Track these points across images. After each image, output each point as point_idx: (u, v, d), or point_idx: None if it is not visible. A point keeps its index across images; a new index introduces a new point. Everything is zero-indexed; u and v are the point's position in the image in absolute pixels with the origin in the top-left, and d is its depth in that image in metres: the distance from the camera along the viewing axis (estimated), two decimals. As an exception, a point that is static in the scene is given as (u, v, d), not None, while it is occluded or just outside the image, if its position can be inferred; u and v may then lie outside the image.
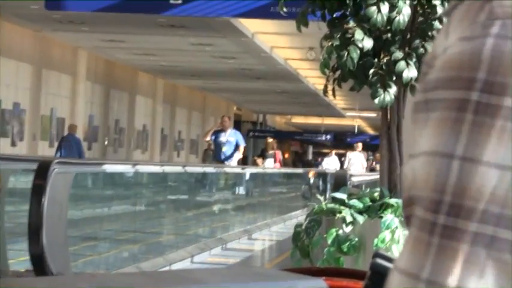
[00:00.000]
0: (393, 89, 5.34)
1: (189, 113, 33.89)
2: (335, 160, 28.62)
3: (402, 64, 5.28)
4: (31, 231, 4.72)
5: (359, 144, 24.91)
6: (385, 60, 5.37)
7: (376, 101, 5.33)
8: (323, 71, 5.34)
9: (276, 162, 22.30)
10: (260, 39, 20.07)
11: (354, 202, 5.27)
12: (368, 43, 5.23)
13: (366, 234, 5.17)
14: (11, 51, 18.66)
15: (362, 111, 37.26)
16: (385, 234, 5.07)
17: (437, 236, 0.73)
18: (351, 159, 23.94)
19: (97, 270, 7.95)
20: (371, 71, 5.35)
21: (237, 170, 15.21)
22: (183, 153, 33.07)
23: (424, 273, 0.73)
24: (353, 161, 23.68)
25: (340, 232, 5.17)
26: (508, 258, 0.73)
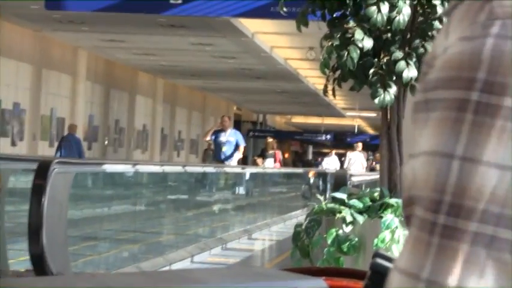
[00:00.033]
0: (393, 89, 5.34)
1: (189, 113, 33.89)
2: (335, 160, 28.64)
3: (402, 64, 5.27)
4: (31, 231, 4.72)
5: (359, 144, 25.01)
6: (385, 60, 5.36)
7: (376, 100, 5.32)
8: (323, 70, 5.34)
9: (276, 162, 22.29)
10: (260, 39, 20.07)
11: (354, 202, 5.27)
12: (368, 43, 5.23)
13: (366, 234, 5.17)
14: (11, 51, 18.66)
15: (362, 111, 37.25)
16: (385, 234, 5.07)
17: (437, 235, 0.73)
18: (351, 159, 24.00)
19: (97, 270, 7.95)
20: (371, 70, 5.34)
21: (237, 169, 15.21)
22: (183, 153, 33.07)
23: (424, 273, 0.73)
24: (353, 161, 23.74)
25: (340, 232, 5.17)
26: (508, 258, 0.73)
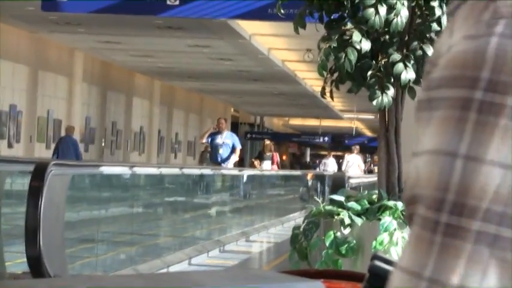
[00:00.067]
0: (391, 91, 5.33)
1: (186, 115, 33.87)
2: (333, 162, 28.68)
3: (400, 66, 5.26)
4: (28, 233, 4.70)
5: (356, 147, 25.24)
6: (383, 62, 5.36)
7: (374, 103, 5.31)
8: (321, 72, 5.33)
9: (273, 164, 22.29)
10: (257, 41, 20.07)
11: (352, 204, 5.26)
12: (366, 45, 5.22)
13: (364, 236, 5.16)
14: (7, 52, 18.63)
15: (360, 113, 37.25)
16: (384, 237, 5.06)
17: (440, 234, 0.73)
18: (348, 161, 24.15)
19: (94, 273, 7.93)
20: (369, 73, 5.33)
21: (234, 172, 15.19)
22: (180, 155, 33.05)
23: (427, 272, 0.73)
24: (351, 164, 23.87)
25: (338, 234, 5.16)
26: (511, 257, 0.73)
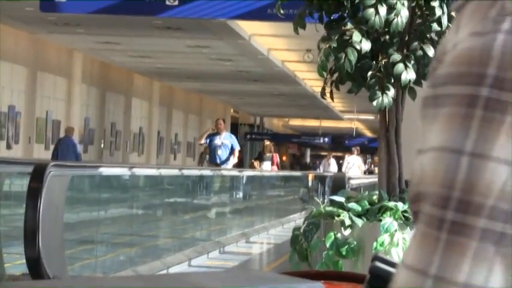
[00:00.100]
0: (391, 92, 5.31)
1: (185, 116, 33.86)
2: (333, 163, 28.68)
3: (400, 66, 5.25)
4: (27, 234, 4.68)
5: (357, 148, 25.38)
6: (383, 62, 5.34)
7: (374, 103, 5.29)
8: (321, 73, 5.31)
9: (273, 165, 22.28)
10: (257, 41, 20.05)
11: (353, 205, 5.25)
12: (366, 45, 5.20)
13: (365, 237, 5.15)
14: (6, 53, 18.60)
15: (360, 113, 37.24)
16: (384, 238, 5.05)
17: (446, 231, 0.73)
18: (349, 162, 24.23)
19: (94, 274, 7.90)
20: (369, 73, 5.31)
21: (234, 173, 15.18)
22: (179, 156, 33.03)
23: (432, 269, 0.72)
24: (351, 165, 23.94)
25: (339, 235, 5.15)
26: None
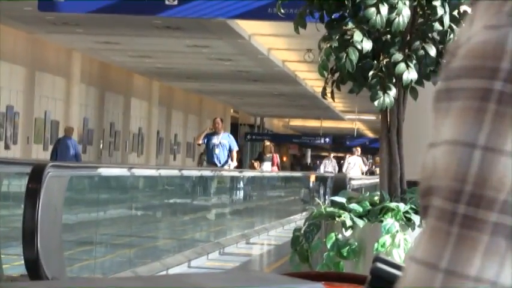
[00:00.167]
0: (393, 92, 5.27)
1: (185, 116, 33.83)
2: (333, 164, 28.65)
3: (402, 66, 5.21)
4: (25, 235, 4.65)
5: (358, 149, 25.40)
6: (385, 62, 5.30)
7: (375, 103, 5.26)
8: (321, 73, 5.27)
9: (273, 166, 22.24)
10: (257, 41, 20.02)
11: (354, 206, 5.22)
12: (367, 45, 5.16)
13: (366, 238, 5.12)
14: (4, 53, 18.57)
15: (361, 113, 37.26)
16: (386, 239, 5.02)
17: (457, 225, 0.73)
18: (349, 163, 24.23)
19: (93, 275, 7.87)
20: (370, 73, 5.28)
21: (234, 173, 15.14)
22: (179, 157, 33.01)
23: (443, 263, 0.72)
24: (352, 165, 23.94)
25: (340, 236, 5.11)
26: None
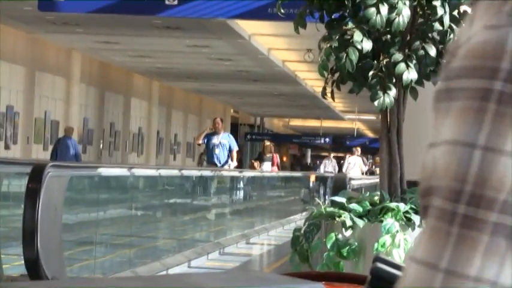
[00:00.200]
0: (393, 92, 5.27)
1: (185, 116, 33.82)
2: (333, 163, 28.64)
3: (402, 66, 5.21)
4: (25, 235, 4.65)
5: (358, 149, 25.41)
6: (385, 62, 5.30)
7: (375, 103, 5.26)
8: (321, 73, 5.27)
9: (273, 166, 22.23)
10: (257, 41, 20.01)
11: (354, 206, 5.21)
12: (367, 45, 5.16)
13: (366, 238, 5.11)
14: (4, 53, 18.55)
15: (361, 113, 37.24)
16: (386, 239, 5.01)
17: (457, 225, 0.73)
18: (349, 163, 24.22)
19: (93, 275, 7.86)
20: (370, 73, 5.28)
21: (234, 173, 15.13)
22: (179, 157, 32.99)
23: (443, 263, 0.72)
24: (352, 165, 23.93)
25: (340, 236, 5.11)
26: None
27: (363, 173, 25.32)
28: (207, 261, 10.42)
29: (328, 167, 27.74)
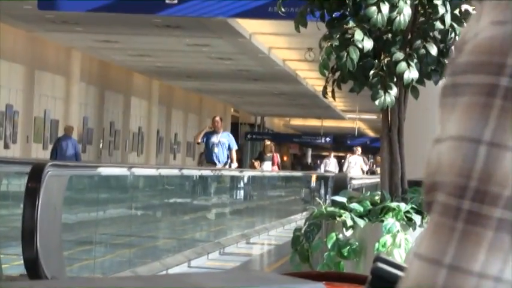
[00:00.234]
0: (394, 91, 5.26)
1: (185, 115, 33.81)
2: (334, 163, 28.64)
3: (403, 65, 5.19)
4: (25, 235, 4.63)
5: (358, 148, 25.40)
6: (386, 61, 5.28)
7: (376, 102, 5.24)
8: (322, 72, 5.26)
9: (274, 165, 22.21)
10: (258, 40, 20.00)
11: (355, 206, 5.20)
12: (368, 44, 5.14)
13: (367, 238, 5.10)
14: (4, 52, 18.53)
15: (362, 113, 37.21)
16: (386, 238, 5.00)
17: (462, 221, 0.73)
18: (350, 162, 24.21)
19: (92, 275, 7.85)
20: (371, 72, 5.26)
21: (234, 173, 15.11)
22: (179, 156, 32.98)
23: (447, 259, 0.72)
24: (352, 165, 23.91)
25: (341, 236, 5.10)
26: None
27: (363, 173, 25.31)
28: (207, 261, 10.41)
29: (328, 166, 27.76)
